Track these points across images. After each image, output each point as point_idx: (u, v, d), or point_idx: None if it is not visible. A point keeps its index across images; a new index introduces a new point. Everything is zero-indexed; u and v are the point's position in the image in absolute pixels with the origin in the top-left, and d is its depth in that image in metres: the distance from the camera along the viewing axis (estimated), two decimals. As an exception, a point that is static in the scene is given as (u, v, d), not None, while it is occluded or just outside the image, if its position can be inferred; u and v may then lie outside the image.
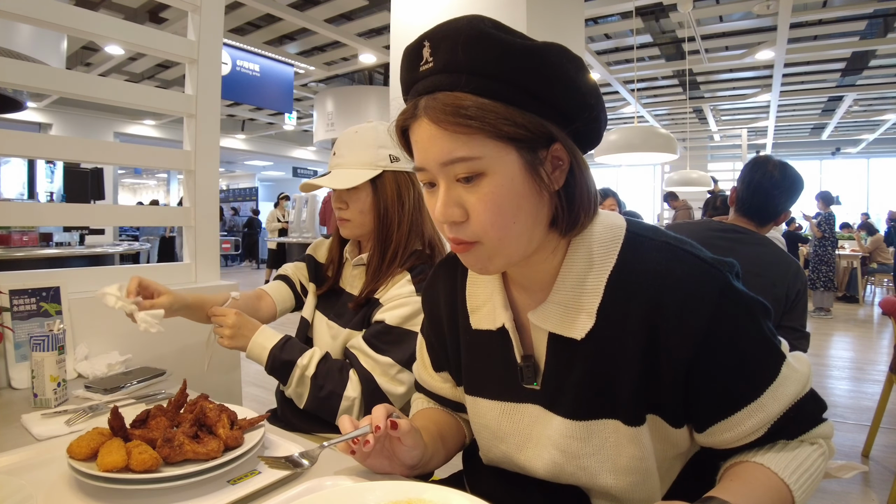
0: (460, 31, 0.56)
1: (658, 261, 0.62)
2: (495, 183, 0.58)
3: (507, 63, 0.55)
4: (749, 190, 1.77)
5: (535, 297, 0.69)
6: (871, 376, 4.09)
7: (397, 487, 0.64)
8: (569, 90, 0.58)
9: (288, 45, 6.99)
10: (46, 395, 1.02)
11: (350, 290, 1.24)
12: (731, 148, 12.75)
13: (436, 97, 0.57)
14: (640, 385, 0.62)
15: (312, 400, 1.10)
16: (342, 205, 1.19)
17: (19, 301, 1.20)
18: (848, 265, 7.68)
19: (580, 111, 0.60)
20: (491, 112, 0.55)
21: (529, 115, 0.57)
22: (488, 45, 0.55)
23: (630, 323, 0.62)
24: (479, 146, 0.57)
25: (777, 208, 1.75)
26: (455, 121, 0.56)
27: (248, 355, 1.13)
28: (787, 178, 1.73)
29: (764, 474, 0.61)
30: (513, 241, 0.60)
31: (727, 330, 0.60)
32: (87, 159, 1.57)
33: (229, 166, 17.16)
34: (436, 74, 0.58)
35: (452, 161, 0.58)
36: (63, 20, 1.41)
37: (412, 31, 2.77)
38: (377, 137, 1.19)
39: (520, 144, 0.57)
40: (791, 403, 0.62)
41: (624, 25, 5.94)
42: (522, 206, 0.59)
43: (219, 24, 1.72)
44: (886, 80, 7.95)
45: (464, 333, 0.78)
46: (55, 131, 9.17)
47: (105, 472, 0.67)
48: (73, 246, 4.59)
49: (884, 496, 2.26)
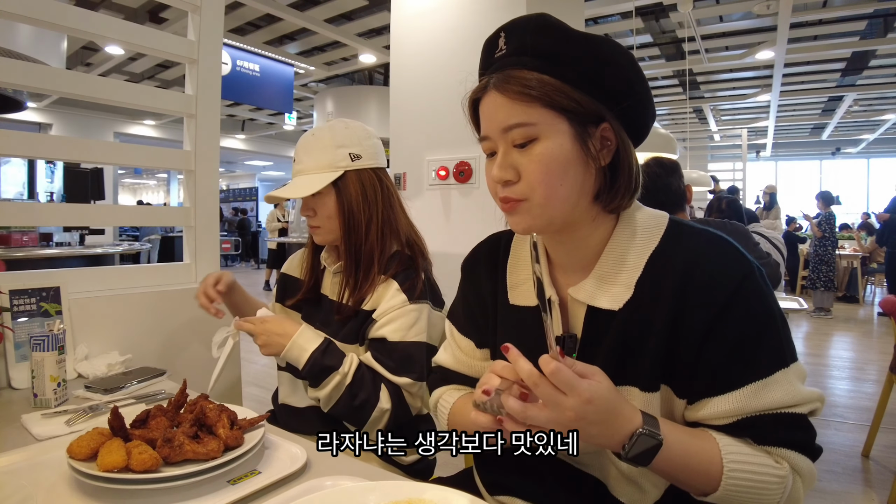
0: (530, 21, 0.68)
1: (696, 242, 0.69)
2: (547, 146, 0.66)
3: (566, 47, 0.66)
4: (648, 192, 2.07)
5: (575, 277, 0.75)
6: (872, 376, 4.09)
7: (397, 487, 0.64)
8: (616, 75, 0.67)
9: (288, 45, 6.99)
10: (46, 395, 1.02)
11: (333, 296, 1.21)
12: (732, 148, 12.73)
13: (504, 73, 0.67)
14: (662, 353, 0.67)
15: (344, 407, 1.06)
16: (310, 212, 1.16)
17: (19, 301, 1.20)
18: (848, 265, 7.67)
19: (626, 95, 0.67)
20: (548, 85, 0.65)
21: (582, 94, 0.66)
22: (551, 31, 0.66)
23: (663, 295, 0.67)
24: (536, 114, 0.66)
25: (675, 188, 2.07)
26: (517, 90, 0.65)
27: (284, 356, 1.08)
28: (666, 167, 2.06)
29: (708, 441, 0.64)
30: (558, 203, 0.67)
31: (740, 311, 0.64)
32: (87, 159, 1.57)
33: (229, 166, 17.16)
34: (507, 57, 0.68)
35: (512, 126, 0.67)
36: (63, 20, 1.41)
37: (412, 31, 2.79)
38: (334, 137, 1.14)
39: (571, 116, 0.66)
40: (771, 409, 0.63)
41: (624, 25, 5.94)
42: (569, 172, 0.67)
43: (219, 24, 1.72)
44: (886, 80, 7.95)
45: (501, 309, 0.82)
46: (55, 131, 9.16)
47: (105, 472, 0.67)
48: (73, 246, 4.60)
49: (884, 496, 2.26)
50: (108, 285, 1.51)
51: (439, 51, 2.60)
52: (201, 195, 1.69)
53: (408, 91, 2.73)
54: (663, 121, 11.08)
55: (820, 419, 0.73)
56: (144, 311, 1.49)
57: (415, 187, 2.69)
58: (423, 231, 1.25)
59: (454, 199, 2.57)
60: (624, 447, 0.61)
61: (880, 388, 2.72)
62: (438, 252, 1.27)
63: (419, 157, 2.64)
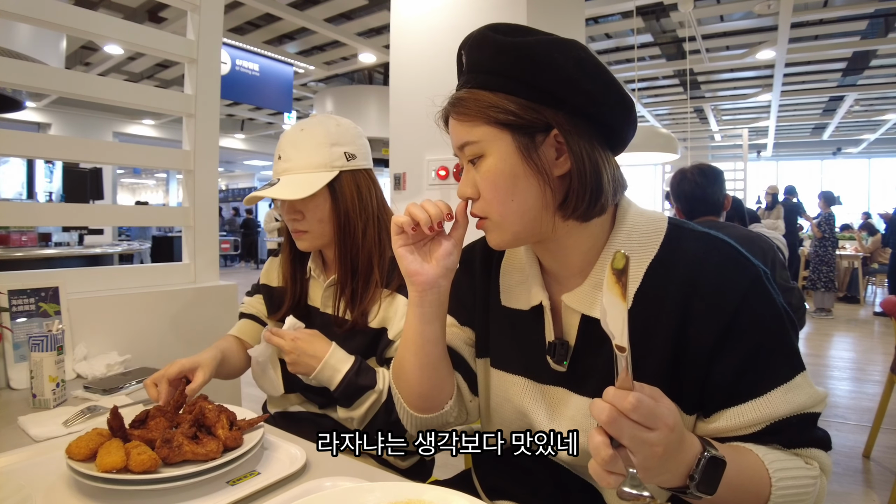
0: (471, 38, 0.67)
1: (698, 248, 0.66)
2: (491, 162, 0.66)
3: (498, 59, 0.64)
4: (690, 202, 2.08)
5: (569, 284, 0.73)
6: (872, 377, 4.08)
7: (397, 488, 0.64)
8: (555, 76, 0.63)
9: (287, 45, 6.99)
10: (45, 395, 1.02)
11: (324, 309, 1.13)
12: (732, 148, 12.72)
13: (453, 96, 0.69)
14: (667, 366, 0.64)
15: (381, 424, 1.00)
16: (296, 216, 1.06)
17: (18, 301, 1.20)
18: (849, 265, 7.66)
19: (574, 94, 0.63)
20: (483, 102, 0.64)
21: (524, 103, 0.63)
22: (485, 45, 0.65)
23: (666, 305, 0.65)
24: (478, 132, 0.66)
25: (714, 198, 2.06)
26: (459, 110, 0.67)
27: (315, 378, 1.00)
28: (708, 176, 2.05)
29: (749, 455, 0.61)
30: (514, 218, 0.66)
31: (751, 318, 0.62)
32: (87, 159, 1.57)
33: (228, 166, 17.17)
34: (462, 76, 0.69)
35: (462, 145, 0.68)
36: (62, 20, 1.41)
37: (412, 31, 2.79)
38: (328, 134, 1.05)
39: (514, 129, 0.64)
40: (798, 412, 0.63)
41: (624, 25, 5.94)
42: (518, 186, 0.65)
43: (218, 23, 1.72)
44: (887, 80, 7.95)
45: (493, 309, 0.81)
46: (54, 131, 9.16)
47: (104, 472, 0.66)
48: (72, 246, 4.60)
49: (885, 496, 2.26)
50: (107, 285, 1.51)
51: (439, 51, 2.60)
52: (200, 195, 1.69)
53: (408, 91, 2.73)
54: (664, 121, 11.08)
55: (820, 420, 0.73)
56: (144, 312, 1.49)
57: (415, 187, 2.68)
58: (423, 231, 1.23)
59: (454, 199, 2.56)
60: (692, 476, 0.53)
61: (881, 389, 2.72)
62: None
63: (419, 157, 2.64)
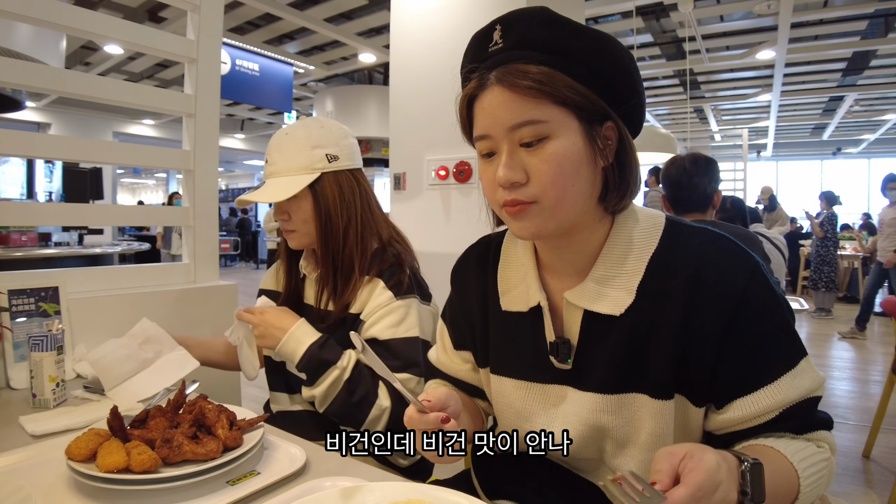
0: (535, 14, 0.64)
1: (698, 243, 0.67)
2: (559, 145, 0.62)
3: (575, 42, 0.63)
4: (673, 188, 1.95)
5: (569, 281, 0.72)
6: (872, 377, 4.08)
7: (397, 487, 0.64)
8: (623, 74, 0.65)
9: (287, 45, 6.99)
10: (45, 395, 1.02)
11: (316, 305, 1.16)
12: (732, 148, 12.73)
13: (509, 67, 0.62)
14: (674, 360, 0.65)
15: (341, 405, 1.02)
16: (284, 216, 1.11)
17: (18, 301, 1.20)
18: (849, 265, 7.67)
19: (630, 95, 0.66)
20: (558, 79, 0.61)
21: (589, 91, 0.63)
22: (560, 25, 0.64)
23: (670, 299, 0.65)
24: (548, 111, 0.62)
25: (700, 189, 1.92)
26: (526, 84, 0.61)
27: (280, 350, 1.05)
28: (698, 164, 1.91)
29: (776, 455, 0.61)
30: (568, 204, 0.64)
31: (754, 308, 0.63)
32: (86, 159, 1.56)
33: (228, 166, 17.17)
34: (507, 51, 0.64)
35: (521, 124, 0.62)
36: (62, 20, 1.41)
37: (412, 31, 2.78)
38: (310, 137, 1.09)
39: (580, 113, 0.63)
40: (806, 396, 0.64)
41: (624, 25, 5.94)
42: (581, 171, 0.64)
43: (218, 23, 1.72)
44: (887, 80, 7.95)
45: (493, 314, 0.80)
46: (54, 131, 9.16)
47: (104, 472, 0.66)
48: (71, 246, 4.60)
49: (885, 497, 2.26)
50: (106, 285, 1.51)
51: (439, 51, 2.60)
52: (200, 195, 1.68)
53: (408, 91, 2.72)
54: (664, 121, 11.08)
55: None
56: (143, 311, 1.49)
57: (415, 187, 2.68)
58: (423, 231, 1.24)
59: (454, 198, 2.56)
60: (744, 490, 0.53)
61: (881, 389, 2.72)
62: (438, 252, 1.26)
63: (419, 157, 2.63)
